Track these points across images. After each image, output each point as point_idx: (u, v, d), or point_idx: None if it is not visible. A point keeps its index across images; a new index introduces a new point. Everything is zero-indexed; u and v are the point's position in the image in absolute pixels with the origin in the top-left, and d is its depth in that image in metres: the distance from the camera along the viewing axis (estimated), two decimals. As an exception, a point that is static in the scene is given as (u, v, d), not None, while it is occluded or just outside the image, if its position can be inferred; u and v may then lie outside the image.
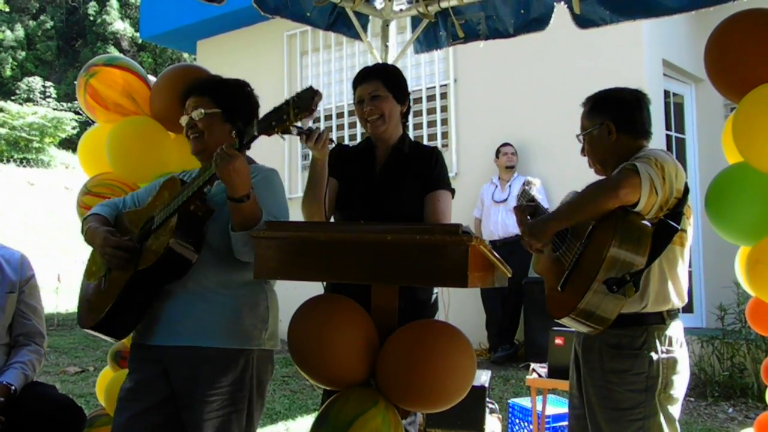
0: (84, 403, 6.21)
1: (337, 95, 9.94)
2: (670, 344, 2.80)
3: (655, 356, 2.75)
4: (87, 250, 2.99)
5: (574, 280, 2.74)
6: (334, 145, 3.12)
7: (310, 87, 2.28)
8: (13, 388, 3.25)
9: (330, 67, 10.08)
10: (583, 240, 2.76)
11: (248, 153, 2.61)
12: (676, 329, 2.84)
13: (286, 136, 2.43)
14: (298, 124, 2.41)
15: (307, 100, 2.24)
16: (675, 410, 2.82)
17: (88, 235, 2.86)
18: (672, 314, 2.83)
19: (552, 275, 2.92)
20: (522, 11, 4.79)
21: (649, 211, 2.67)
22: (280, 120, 2.30)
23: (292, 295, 3.02)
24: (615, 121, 2.94)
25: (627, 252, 2.61)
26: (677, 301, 2.83)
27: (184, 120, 2.86)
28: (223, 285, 2.73)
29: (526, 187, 3.29)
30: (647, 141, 3.00)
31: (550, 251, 2.97)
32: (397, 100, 3.34)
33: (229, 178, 2.45)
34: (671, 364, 2.79)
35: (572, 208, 2.82)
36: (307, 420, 5.92)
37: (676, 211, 2.73)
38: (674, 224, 2.71)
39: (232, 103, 2.82)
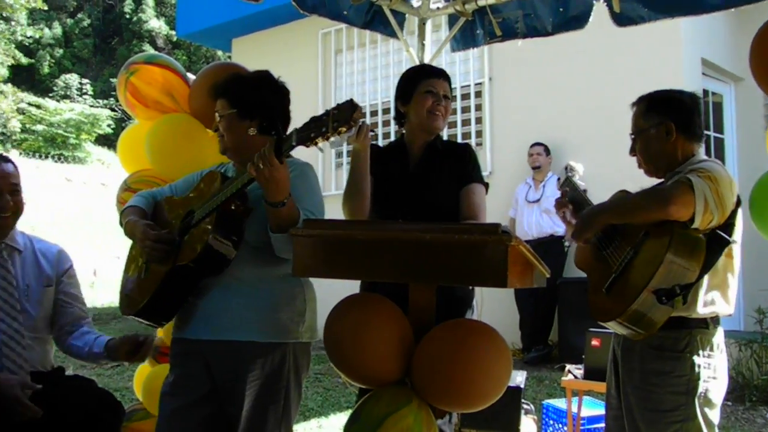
0: (120, 397, 6.24)
1: (371, 93, 9.94)
2: (712, 349, 2.78)
3: (697, 360, 2.73)
4: (123, 246, 3.03)
5: (622, 285, 2.71)
6: (372, 134, 3.12)
7: (351, 100, 2.27)
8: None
9: (364, 65, 10.07)
10: (635, 245, 2.73)
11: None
12: (718, 335, 2.82)
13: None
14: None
15: (347, 113, 2.23)
16: (714, 415, 2.79)
17: (128, 228, 2.91)
18: (716, 320, 2.81)
19: (596, 274, 2.90)
20: (561, 9, 4.75)
21: (706, 228, 2.65)
22: (319, 132, 2.29)
23: (327, 291, 3.03)
24: (675, 121, 2.90)
25: (681, 262, 2.58)
26: (723, 310, 2.80)
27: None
28: (259, 279, 2.77)
29: (569, 174, 3.26)
30: (699, 145, 2.98)
31: (595, 248, 2.95)
32: None
33: (266, 185, 2.47)
34: (712, 368, 2.77)
35: (624, 208, 2.81)
36: (340, 417, 5.93)
37: (727, 222, 2.70)
38: (726, 236, 2.68)
39: (247, 101, 2.82)
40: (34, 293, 3.40)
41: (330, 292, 2.93)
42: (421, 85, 3.35)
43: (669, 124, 2.89)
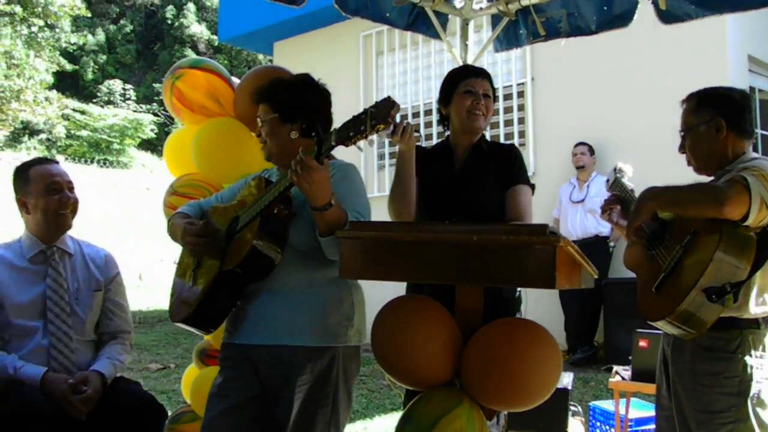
0: (166, 400, 6.36)
1: (413, 95, 9.94)
2: (764, 350, 2.74)
3: (749, 360, 2.69)
4: (168, 250, 3.07)
5: (671, 284, 2.67)
6: (418, 135, 3.12)
7: (388, 98, 2.27)
8: (104, 375, 3.32)
9: (405, 67, 10.08)
10: (684, 243, 2.69)
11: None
12: None
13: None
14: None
15: (384, 111, 2.23)
16: (767, 416, 2.74)
17: (171, 231, 2.98)
18: (767, 320, 2.76)
19: (645, 274, 2.87)
20: (605, 8, 4.71)
21: (757, 226, 2.59)
22: (358, 131, 2.29)
23: (373, 293, 3.03)
24: (725, 118, 2.86)
25: (731, 260, 2.54)
26: None
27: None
28: (306, 284, 2.76)
29: (618, 175, 3.23)
30: (750, 143, 2.92)
31: (644, 247, 2.92)
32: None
33: (308, 189, 2.46)
34: (765, 369, 2.72)
35: (677, 199, 2.74)
36: (385, 419, 5.93)
37: None
38: None
39: (288, 104, 2.84)
40: (84, 297, 3.46)
41: (376, 294, 2.93)
42: (460, 85, 3.36)
43: (719, 120, 2.85)
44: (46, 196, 3.34)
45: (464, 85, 3.34)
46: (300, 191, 2.52)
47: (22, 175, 3.40)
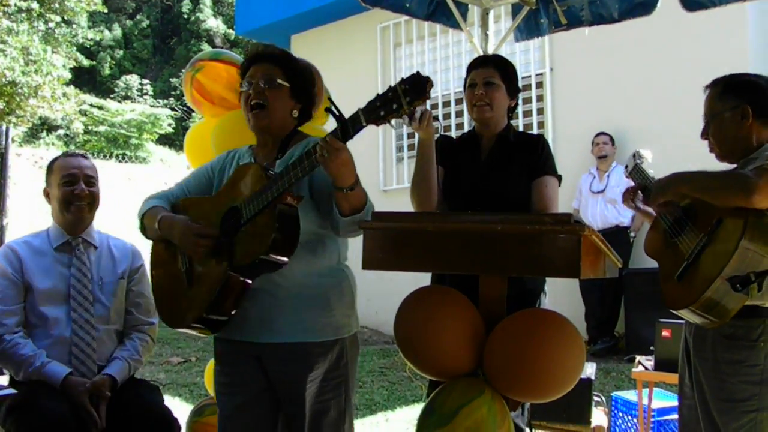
0: (188, 392, 6.41)
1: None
2: None
3: None
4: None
5: (695, 273, 2.65)
6: (437, 124, 3.08)
7: (418, 73, 2.19)
8: (117, 380, 3.36)
9: (423, 59, 10.02)
10: (708, 231, 2.66)
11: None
12: None
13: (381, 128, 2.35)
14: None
15: (419, 87, 2.15)
16: None
17: (164, 226, 2.74)
18: None
19: (667, 262, 2.84)
20: (627, -6, 4.67)
21: None
22: (391, 110, 2.19)
23: (396, 285, 3.02)
24: (752, 105, 2.81)
25: (756, 249, 2.51)
26: None
27: (245, 86, 2.77)
28: (307, 275, 2.69)
29: (638, 161, 3.21)
30: None
31: (666, 235, 2.89)
32: (508, 93, 3.34)
33: (337, 171, 2.39)
34: None
35: (705, 184, 2.72)
36: (406, 411, 5.93)
37: None
38: None
39: (301, 82, 2.78)
40: (107, 285, 3.52)
41: (399, 285, 2.92)
42: (467, 80, 3.36)
43: (745, 107, 2.81)
44: (62, 186, 3.42)
45: (468, 80, 3.35)
46: (325, 172, 2.43)
47: (50, 166, 3.51)
